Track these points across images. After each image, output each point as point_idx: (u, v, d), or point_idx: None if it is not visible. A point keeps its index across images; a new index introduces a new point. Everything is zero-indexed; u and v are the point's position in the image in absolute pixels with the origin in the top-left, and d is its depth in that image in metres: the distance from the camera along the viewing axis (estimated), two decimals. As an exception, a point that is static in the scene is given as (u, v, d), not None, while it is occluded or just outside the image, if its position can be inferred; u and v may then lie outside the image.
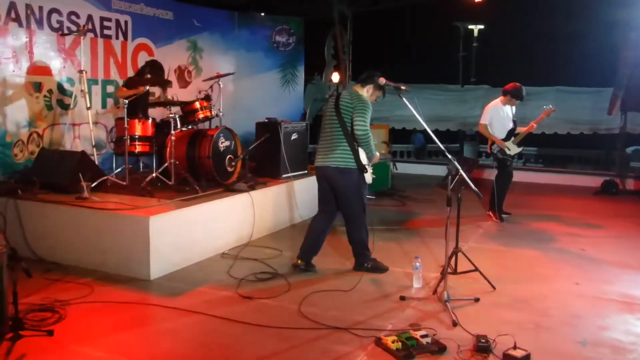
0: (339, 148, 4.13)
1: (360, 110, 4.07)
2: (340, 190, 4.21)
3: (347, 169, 4.12)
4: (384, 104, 12.95)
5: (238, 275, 4.39)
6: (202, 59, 8.22)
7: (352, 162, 4.11)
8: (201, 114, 5.77)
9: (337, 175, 4.15)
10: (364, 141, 4.08)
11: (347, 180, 4.14)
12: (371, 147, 4.13)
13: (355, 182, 4.14)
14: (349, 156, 4.11)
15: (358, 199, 4.21)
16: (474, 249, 5.14)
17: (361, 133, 4.05)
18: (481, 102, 11.97)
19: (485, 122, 6.37)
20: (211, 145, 5.43)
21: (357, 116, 4.07)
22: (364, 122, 4.05)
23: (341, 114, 4.12)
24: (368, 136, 4.08)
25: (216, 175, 5.49)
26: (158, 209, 4.51)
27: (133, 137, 5.36)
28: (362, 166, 4.11)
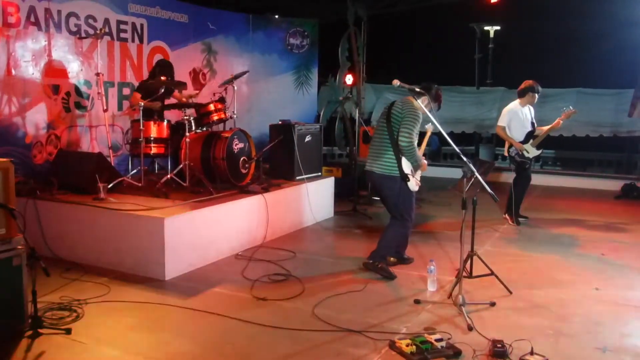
0: (385, 155, 4.28)
1: (408, 121, 4.16)
2: (382, 194, 4.43)
3: (390, 176, 4.27)
4: (399, 106, 13.05)
5: (252, 276, 4.43)
6: (217, 61, 8.31)
7: (395, 170, 4.24)
8: (215, 116, 5.82)
9: (380, 180, 4.34)
10: (407, 152, 4.19)
11: (389, 186, 4.30)
12: (415, 157, 4.22)
13: (396, 189, 4.27)
14: (393, 164, 4.24)
15: (399, 205, 4.33)
16: (490, 253, 5.12)
17: (405, 144, 4.16)
18: (498, 104, 11.90)
19: (503, 124, 6.34)
20: (225, 147, 5.48)
21: (404, 127, 4.16)
22: (409, 133, 4.13)
23: (391, 122, 4.24)
24: (412, 147, 4.17)
25: (230, 177, 5.54)
26: (173, 210, 4.57)
27: (148, 139, 5.43)
28: (404, 175, 4.22)
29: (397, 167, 4.22)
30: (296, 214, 6.08)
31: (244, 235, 5.26)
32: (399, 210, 4.36)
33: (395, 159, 4.23)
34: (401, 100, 4.33)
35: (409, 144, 4.15)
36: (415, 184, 4.33)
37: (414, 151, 4.18)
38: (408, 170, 4.25)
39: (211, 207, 4.87)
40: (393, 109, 4.29)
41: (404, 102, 4.29)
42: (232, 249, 5.08)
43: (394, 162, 4.23)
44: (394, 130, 4.22)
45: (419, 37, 16.61)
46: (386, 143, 4.28)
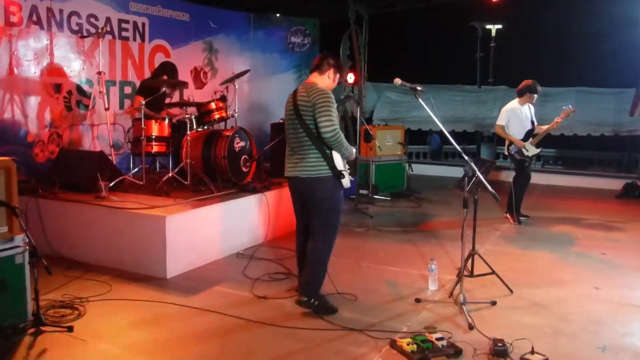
0: (308, 155, 3.60)
1: (322, 105, 3.50)
2: (313, 201, 3.65)
3: (320, 178, 3.59)
4: (400, 105, 12.96)
5: (253, 275, 4.44)
6: (218, 60, 8.31)
7: (325, 169, 3.58)
8: (217, 114, 5.83)
9: (309, 185, 3.62)
10: (336, 142, 3.53)
11: (320, 189, 3.61)
12: (344, 146, 3.59)
13: (329, 191, 3.61)
14: (320, 163, 3.58)
15: (331, 210, 3.63)
16: (491, 252, 5.12)
17: (330, 134, 3.49)
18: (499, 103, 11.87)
19: (502, 123, 6.34)
20: (226, 145, 5.49)
21: (321, 114, 3.49)
22: (329, 119, 3.48)
23: (301, 115, 3.57)
24: (339, 135, 3.52)
25: (231, 176, 5.55)
26: (174, 209, 4.58)
27: (150, 138, 5.44)
28: (338, 172, 3.59)
29: (327, 165, 3.57)
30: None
31: (245, 233, 5.27)
32: (328, 218, 3.63)
33: (321, 156, 3.56)
34: (303, 87, 3.67)
35: (334, 130, 3.48)
36: (348, 179, 3.68)
37: (341, 139, 3.54)
38: (341, 165, 3.62)
39: (212, 205, 4.88)
40: (298, 100, 3.61)
41: (307, 87, 3.63)
42: (233, 247, 5.09)
43: (321, 160, 3.57)
44: (308, 123, 3.55)
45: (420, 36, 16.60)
46: (304, 141, 3.59)
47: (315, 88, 3.61)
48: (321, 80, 3.73)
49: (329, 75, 3.74)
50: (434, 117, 3.87)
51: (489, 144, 14.30)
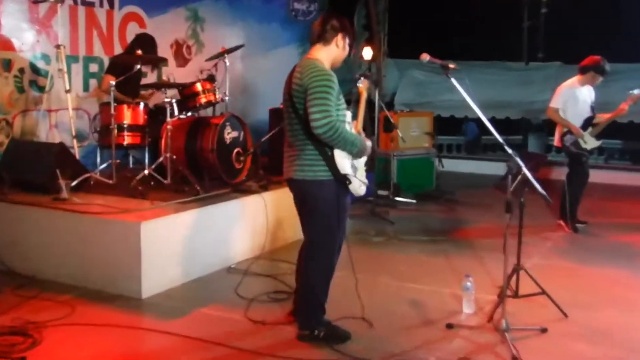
0: (304, 152, 3.50)
1: (315, 92, 3.36)
2: (304, 206, 3.63)
3: (317, 182, 3.49)
4: (428, 87, 12.95)
5: (248, 294, 4.45)
6: (204, 31, 8.34)
7: (324, 171, 3.48)
8: (203, 98, 5.86)
9: (304, 190, 3.57)
10: (331, 138, 3.36)
11: (317, 197, 3.53)
12: (348, 140, 3.43)
13: (330, 201, 3.51)
14: (319, 162, 3.48)
15: (328, 223, 3.56)
16: (541, 267, 5.11)
17: (322, 128, 3.32)
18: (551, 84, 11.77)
19: (556, 106, 6.33)
20: (215, 136, 5.51)
21: (312, 103, 3.35)
22: (323, 108, 3.32)
23: (294, 103, 3.48)
24: (335, 128, 3.34)
25: (221, 173, 5.57)
26: (151, 213, 4.61)
27: (121, 126, 5.47)
28: (342, 176, 3.46)
29: (327, 166, 3.45)
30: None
31: (238, 243, 5.29)
32: (324, 234, 3.58)
33: (320, 155, 3.45)
34: (300, 65, 3.53)
35: (328, 123, 3.31)
36: (359, 184, 3.56)
37: (341, 132, 3.36)
38: (347, 166, 3.47)
39: (198, 209, 4.90)
40: (293, 83, 3.49)
41: (303, 65, 3.49)
42: (224, 260, 5.11)
43: (319, 159, 3.46)
44: (302, 113, 3.44)
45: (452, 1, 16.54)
46: (300, 134, 3.50)
47: (311, 67, 3.45)
48: (327, 52, 3.59)
49: (337, 43, 3.59)
50: (470, 101, 3.88)
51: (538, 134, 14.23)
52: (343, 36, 3.60)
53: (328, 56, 3.61)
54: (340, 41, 3.60)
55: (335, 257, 3.69)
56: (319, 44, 3.61)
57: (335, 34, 3.58)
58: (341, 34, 3.59)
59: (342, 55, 3.66)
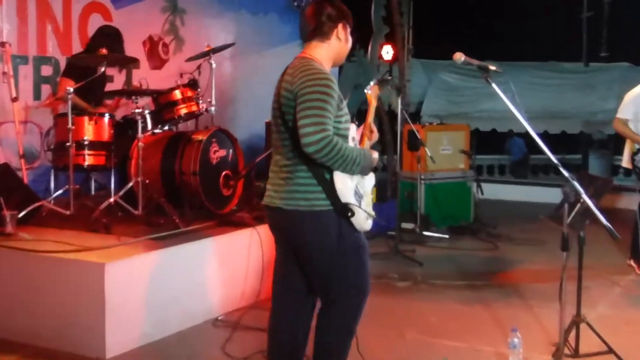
0: (295, 175, 3.44)
1: (307, 99, 3.30)
2: (302, 250, 3.51)
3: (311, 213, 3.40)
4: (463, 94, 13.01)
5: (238, 353, 4.43)
6: (185, 25, 8.40)
7: (321, 199, 3.39)
8: (183, 108, 5.88)
9: (293, 223, 3.47)
10: (328, 158, 3.27)
11: (313, 233, 3.43)
12: (349, 160, 3.34)
13: (333, 237, 3.41)
14: (313, 188, 3.40)
15: (337, 272, 3.47)
16: (607, 319, 5.08)
17: (314, 148, 3.23)
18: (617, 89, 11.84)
19: (625, 117, 6.35)
20: (198, 155, 5.53)
21: (303, 112, 3.28)
22: (314, 124, 3.24)
23: (284, 112, 3.44)
24: (331, 147, 3.25)
25: (206, 201, 5.59)
26: (118, 252, 4.60)
27: (81, 144, 5.49)
28: (343, 206, 3.37)
29: (324, 193, 3.37)
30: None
31: (227, 290, 5.28)
32: (338, 284, 3.48)
33: (315, 178, 3.39)
34: (291, 66, 3.51)
35: (322, 139, 3.21)
36: (365, 217, 3.45)
37: (339, 149, 3.27)
38: (350, 193, 3.38)
39: (177, 247, 4.90)
40: (282, 88, 3.46)
41: (295, 66, 3.46)
42: (209, 311, 5.10)
43: (314, 183, 3.39)
44: (290, 124, 3.40)
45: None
46: (290, 153, 3.44)
47: (304, 68, 3.41)
48: (327, 49, 3.56)
49: (337, 35, 3.55)
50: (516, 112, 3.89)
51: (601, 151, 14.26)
52: (344, 25, 3.56)
53: (328, 53, 3.56)
54: (341, 32, 3.55)
55: (358, 316, 3.56)
56: (315, 41, 3.55)
57: (334, 24, 3.53)
58: (341, 23, 3.55)
59: (346, 48, 3.63)
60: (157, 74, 7.98)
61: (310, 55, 3.50)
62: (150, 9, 8.03)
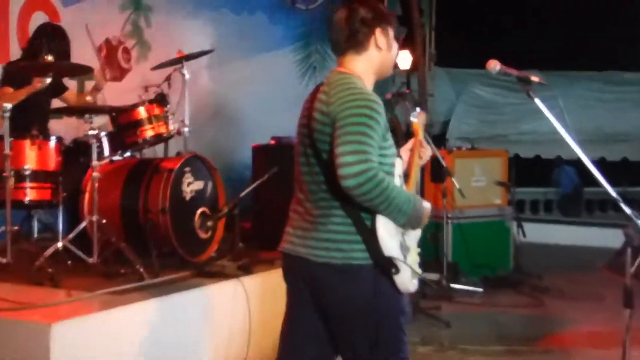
0: (328, 219, 3.49)
1: (348, 122, 3.33)
2: (338, 315, 3.55)
3: (349, 267, 3.42)
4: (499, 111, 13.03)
5: None
6: (151, 26, 8.46)
7: (359, 251, 3.41)
8: (149, 130, 5.92)
9: (327, 280, 3.51)
10: (370, 198, 3.28)
11: (350, 292, 3.45)
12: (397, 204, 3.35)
13: (369, 297, 3.45)
14: (350, 237, 3.43)
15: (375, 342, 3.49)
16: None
17: (353, 182, 3.23)
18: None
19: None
20: (168, 189, 5.55)
21: (342, 139, 3.30)
22: (358, 150, 3.26)
23: (315, 140, 3.49)
24: (375, 183, 3.25)
25: (178, 246, 5.60)
26: (68, 310, 4.60)
27: (21, 174, 5.49)
28: (386, 260, 3.40)
29: (364, 243, 3.40)
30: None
31: (205, 354, 5.27)
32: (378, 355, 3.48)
33: (353, 225, 3.42)
34: (326, 82, 3.54)
35: (365, 172, 3.21)
36: (410, 275, 3.46)
37: (386, 188, 3.27)
38: (395, 245, 3.41)
39: (141, 303, 4.89)
40: (315, 110, 3.48)
41: (331, 83, 3.49)
42: (181, 383, 5.09)
43: (352, 231, 3.41)
44: (324, 155, 3.44)
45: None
46: (323, 191, 3.48)
47: (343, 86, 3.45)
48: (367, 61, 3.58)
49: (377, 43, 3.55)
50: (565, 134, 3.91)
51: (673, 184, 14.29)
52: (383, 30, 3.56)
53: (369, 67, 3.58)
54: (380, 39, 3.55)
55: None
56: (350, 53, 3.59)
57: (371, 31, 3.54)
58: (379, 28, 3.55)
59: (390, 57, 3.63)
60: (117, 86, 7.99)
61: (348, 70, 3.53)
62: (108, 5, 8.08)
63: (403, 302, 3.49)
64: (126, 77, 8.21)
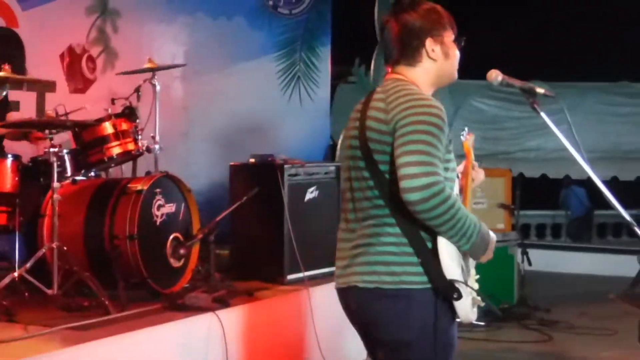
0: (380, 239, 3.48)
1: (411, 130, 3.33)
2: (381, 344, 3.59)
3: (404, 294, 3.46)
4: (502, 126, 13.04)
5: None
6: (119, 32, 8.45)
7: (415, 274, 3.41)
8: (116, 147, 5.93)
9: (376, 308, 3.52)
10: (436, 215, 3.28)
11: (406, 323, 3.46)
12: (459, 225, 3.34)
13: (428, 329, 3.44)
14: (405, 258, 3.43)
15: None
16: None
17: (418, 196, 3.23)
18: None
19: None
20: (137, 212, 5.55)
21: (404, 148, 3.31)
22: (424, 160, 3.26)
23: (372, 152, 3.50)
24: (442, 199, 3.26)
25: (148, 276, 5.57)
26: (25, 348, 4.56)
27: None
28: (445, 284, 3.39)
29: (421, 266, 3.40)
30: (288, 354, 6.10)
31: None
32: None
33: (410, 244, 3.42)
34: (382, 89, 3.56)
35: (432, 185, 3.23)
36: (473, 303, 3.50)
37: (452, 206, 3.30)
38: (457, 269, 3.40)
39: (107, 340, 4.84)
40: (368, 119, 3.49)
41: (388, 90, 3.51)
42: None
43: (409, 252, 3.41)
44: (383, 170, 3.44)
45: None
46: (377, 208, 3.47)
47: (403, 92, 3.47)
48: (423, 73, 3.60)
49: (429, 55, 3.56)
50: (574, 151, 3.92)
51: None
52: (435, 39, 3.55)
53: (425, 78, 3.60)
54: (433, 49, 3.56)
55: None
56: (403, 64, 3.60)
57: (421, 41, 3.55)
58: (430, 38, 3.55)
59: (448, 65, 3.62)
60: (80, 98, 7.96)
61: (405, 77, 3.54)
62: (71, 9, 8.05)
63: (455, 335, 3.50)
64: (91, 89, 8.19)
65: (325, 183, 6.75)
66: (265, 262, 6.39)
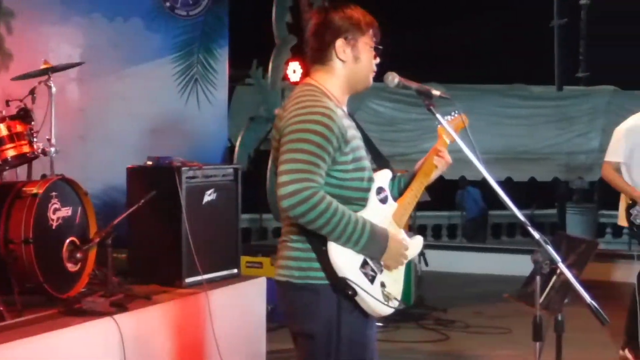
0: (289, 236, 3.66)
1: (290, 139, 3.46)
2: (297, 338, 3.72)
3: (308, 286, 3.56)
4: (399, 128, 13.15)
5: None
6: (13, 33, 8.33)
7: (319, 270, 3.52)
8: (10, 149, 5.85)
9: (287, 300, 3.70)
10: (304, 220, 3.39)
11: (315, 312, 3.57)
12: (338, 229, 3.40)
13: (332, 321, 3.52)
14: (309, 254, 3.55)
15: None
16: None
17: (287, 203, 3.34)
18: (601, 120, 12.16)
19: (615, 159, 6.60)
20: (32, 216, 5.48)
21: (281, 157, 3.44)
22: (294, 168, 3.37)
23: (275, 159, 3.66)
24: (310, 205, 3.33)
25: (43, 281, 5.51)
26: None
27: None
28: (337, 281, 3.46)
29: (319, 262, 3.50)
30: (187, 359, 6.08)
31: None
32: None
33: (309, 243, 3.54)
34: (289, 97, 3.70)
35: (298, 192, 3.32)
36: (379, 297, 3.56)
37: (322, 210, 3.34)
38: (350, 265, 3.47)
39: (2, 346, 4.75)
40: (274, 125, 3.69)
41: (291, 96, 3.65)
42: None
43: (309, 248, 3.55)
44: None
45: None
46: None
47: (296, 98, 3.58)
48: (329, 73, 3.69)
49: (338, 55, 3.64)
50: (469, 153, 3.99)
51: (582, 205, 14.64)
52: (348, 41, 3.62)
53: (337, 81, 3.68)
54: (343, 51, 3.63)
55: None
56: (316, 64, 3.72)
57: (333, 40, 3.63)
58: (342, 39, 3.61)
59: (361, 68, 3.70)
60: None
61: (314, 81, 3.65)
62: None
63: (368, 334, 3.62)
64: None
65: (223, 185, 6.74)
66: (164, 266, 6.36)
